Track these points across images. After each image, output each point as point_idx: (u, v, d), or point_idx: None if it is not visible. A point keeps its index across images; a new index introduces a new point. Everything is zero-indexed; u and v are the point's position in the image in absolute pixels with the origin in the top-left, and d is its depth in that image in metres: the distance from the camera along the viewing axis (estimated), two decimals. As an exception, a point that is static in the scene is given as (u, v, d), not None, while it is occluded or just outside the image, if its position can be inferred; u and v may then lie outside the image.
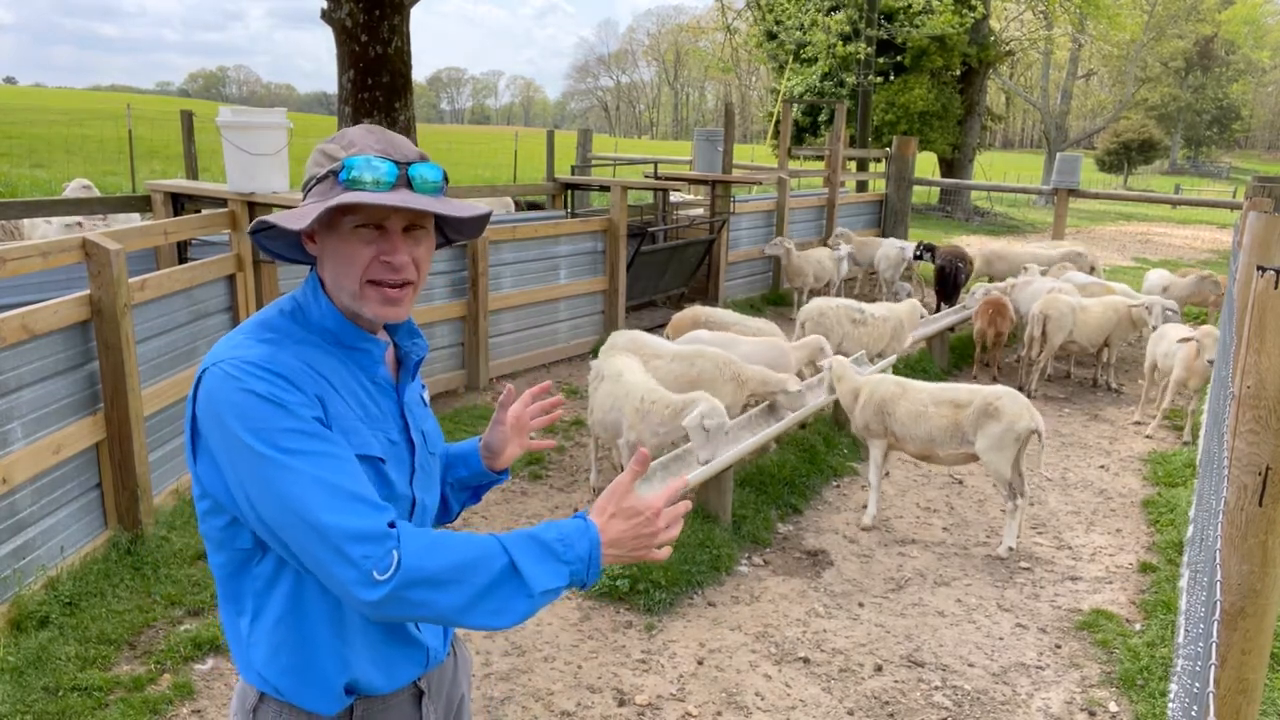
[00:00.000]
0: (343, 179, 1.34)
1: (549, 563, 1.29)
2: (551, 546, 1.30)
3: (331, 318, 1.41)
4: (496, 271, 7.42)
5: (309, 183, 1.38)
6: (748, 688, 3.66)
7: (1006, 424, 4.80)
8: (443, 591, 1.25)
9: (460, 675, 1.70)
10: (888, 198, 13.73)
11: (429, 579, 1.24)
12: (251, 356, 1.31)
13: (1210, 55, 49.12)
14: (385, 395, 1.47)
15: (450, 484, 1.73)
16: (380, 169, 1.33)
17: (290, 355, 1.34)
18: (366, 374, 1.44)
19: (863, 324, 7.22)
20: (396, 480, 1.44)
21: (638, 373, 5.18)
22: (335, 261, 1.38)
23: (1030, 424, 4.80)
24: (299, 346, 1.38)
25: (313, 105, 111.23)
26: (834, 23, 17.62)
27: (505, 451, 1.73)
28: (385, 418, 1.45)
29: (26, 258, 3.89)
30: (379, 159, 1.34)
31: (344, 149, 1.36)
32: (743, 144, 38.47)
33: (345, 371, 1.41)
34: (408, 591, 1.24)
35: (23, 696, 3.22)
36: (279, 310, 1.43)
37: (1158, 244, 20.07)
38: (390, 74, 6.18)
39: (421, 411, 1.57)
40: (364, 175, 1.33)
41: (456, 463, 1.73)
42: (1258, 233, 3.30)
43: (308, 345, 1.39)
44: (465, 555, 1.27)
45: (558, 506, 5.27)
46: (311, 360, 1.37)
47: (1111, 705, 3.63)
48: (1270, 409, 1.73)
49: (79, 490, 4.09)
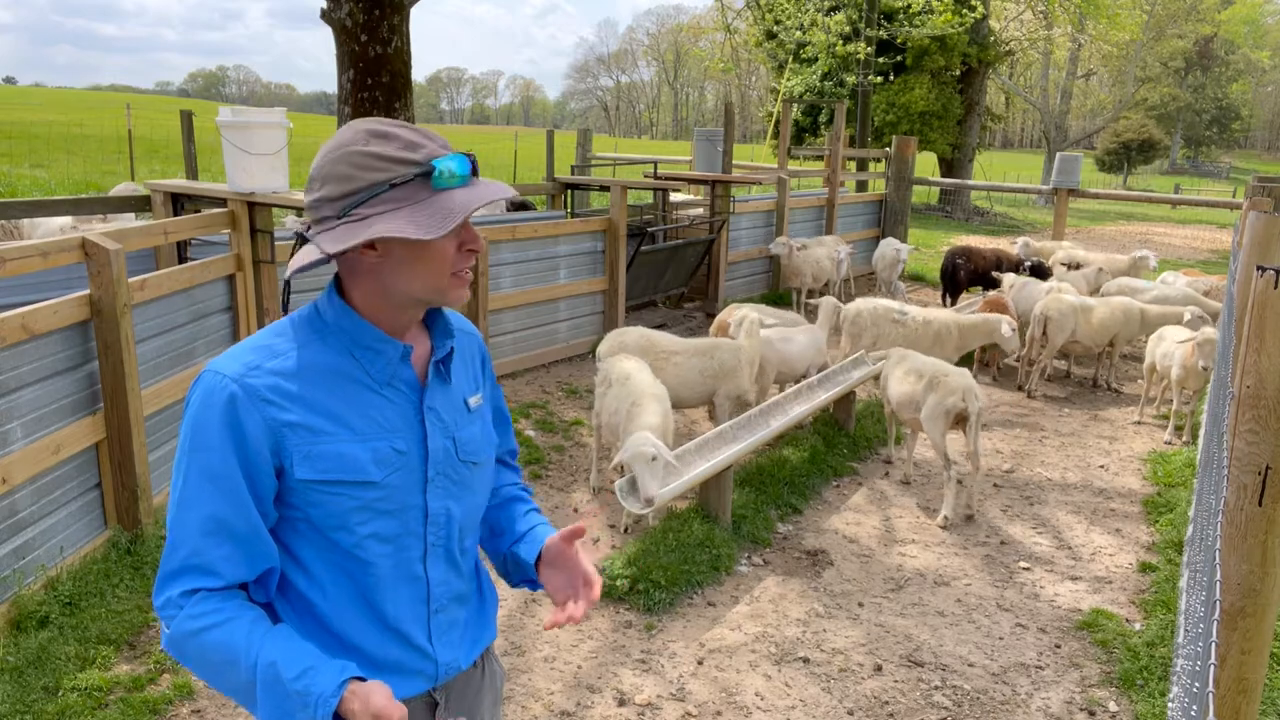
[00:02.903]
0: (437, 181, 1.33)
1: (282, 705, 1.31)
2: (289, 699, 1.31)
3: (348, 319, 1.41)
4: (496, 271, 7.42)
5: (379, 187, 1.32)
6: (748, 688, 3.66)
7: (939, 398, 5.35)
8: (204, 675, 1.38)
9: (486, 690, 1.65)
10: (887, 198, 13.73)
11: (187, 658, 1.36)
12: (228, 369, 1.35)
13: (1210, 55, 49.12)
14: (403, 399, 1.44)
15: (512, 554, 1.65)
16: (461, 165, 1.35)
17: (281, 364, 1.36)
18: (380, 378, 1.42)
19: (901, 325, 7.24)
20: (398, 489, 1.42)
21: (646, 376, 5.19)
22: (418, 264, 1.37)
23: (959, 404, 5.28)
24: (302, 350, 1.38)
25: (313, 105, 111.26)
26: (834, 23, 17.62)
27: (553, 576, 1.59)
28: (395, 424, 1.43)
29: (26, 258, 3.89)
30: (452, 156, 1.35)
31: (411, 149, 1.33)
32: (743, 144, 38.50)
33: (357, 374, 1.41)
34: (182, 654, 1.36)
35: (22, 696, 3.22)
36: (295, 316, 1.44)
37: (1158, 244, 20.06)
38: (390, 74, 6.17)
39: (458, 417, 1.51)
40: (453, 174, 1.34)
41: (527, 542, 1.64)
42: (1258, 233, 3.31)
43: (313, 348, 1.39)
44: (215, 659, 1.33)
45: (557, 506, 5.28)
46: (313, 365, 1.38)
47: (1111, 705, 3.63)
48: (1270, 409, 1.73)
49: (79, 490, 4.09)
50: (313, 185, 1.36)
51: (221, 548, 1.33)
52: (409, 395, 1.45)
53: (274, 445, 1.34)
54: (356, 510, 1.39)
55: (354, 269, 1.39)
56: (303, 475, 1.35)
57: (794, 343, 6.56)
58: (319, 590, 1.43)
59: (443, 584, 1.51)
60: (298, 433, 1.35)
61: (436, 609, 1.50)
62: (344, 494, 1.37)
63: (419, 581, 1.48)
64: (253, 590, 1.40)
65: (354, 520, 1.39)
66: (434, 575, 1.49)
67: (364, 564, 1.42)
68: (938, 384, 5.39)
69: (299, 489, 1.37)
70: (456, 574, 1.54)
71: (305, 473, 1.35)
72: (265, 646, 1.31)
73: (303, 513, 1.39)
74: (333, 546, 1.41)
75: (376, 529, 1.41)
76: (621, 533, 4.92)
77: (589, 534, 4.92)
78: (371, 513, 1.40)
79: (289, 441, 1.35)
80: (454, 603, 1.53)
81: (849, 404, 6.57)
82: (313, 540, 1.41)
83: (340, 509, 1.38)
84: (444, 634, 1.52)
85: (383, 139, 1.34)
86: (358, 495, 1.38)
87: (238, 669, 1.30)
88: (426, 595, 1.49)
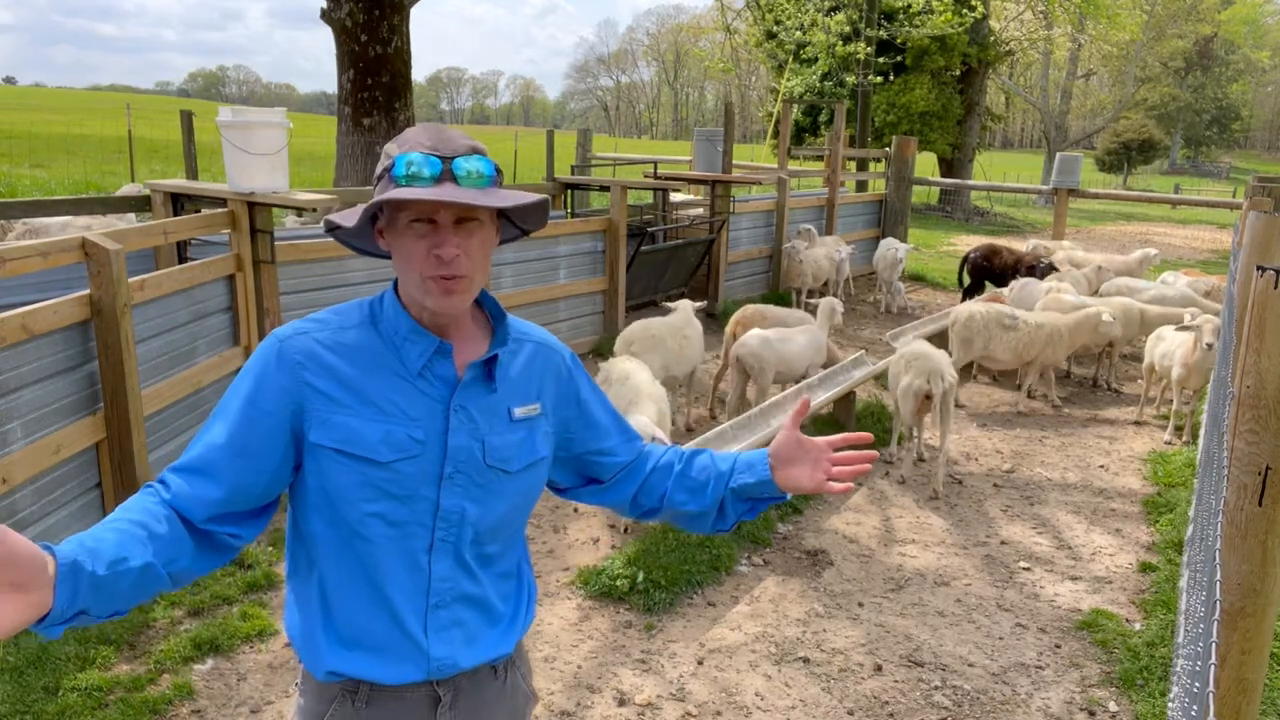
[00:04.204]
0: (395, 175, 1.40)
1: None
2: None
3: (394, 309, 1.50)
4: (497, 271, 7.42)
5: (378, 179, 1.47)
6: (748, 688, 3.66)
7: (910, 379, 5.74)
8: None
9: (501, 705, 1.63)
10: (887, 198, 13.73)
11: None
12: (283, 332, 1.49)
13: (1210, 55, 49.12)
14: (434, 392, 1.48)
15: (733, 489, 1.66)
16: (422, 164, 1.39)
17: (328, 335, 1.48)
18: (414, 368, 1.48)
19: (1013, 329, 7.24)
20: (409, 477, 1.45)
21: (645, 376, 5.19)
22: (397, 257, 1.46)
23: (923, 385, 5.65)
24: (351, 330, 1.49)
25: (313, 105, 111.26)
26: (834, 23, 17.63)
27: (793, 470, 1.63)
28: (419, 414, 1.47)
29: (26, 258, 3.89)
30: (421, 154, 1.39)
31: (398, 146, 1.43)
32: (743, 144, 38.47)
33: (393, 361, 1.48)
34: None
35: (22, 696, 3.22)
36: (360, 301, 1.55)
37: (1158, 244, 20.02)
38: (390, 74, 6.18)
39: (495, 423, 1.52)
40: (409, 171, 1.39)
41: (743, 469, 1.66)
42: (1258, 233, 3.31)
43: (361, 330, 1.49)
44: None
45: (557, 506, 5.28)
46: (356, 344, 1.48)
47: (1111, 705, 3.63)
48: (1270, 409, 1.73)
49: (79, 490, 4.09)
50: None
51: (207, 465, 1.43)
52: (440, 390, 1.49)
53: (298, 406, 1.44)
54: (360, 486, 1.43)
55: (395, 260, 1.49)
56: (315, 439, 1.44)
57: (794, 343, 6.58)
58: (325, 561, 1.49)
59: (447, 580, 1.51)
60: (320, 399, 1.44)
61: (436, 603, 1.51)
62: (349, 467, 1.43)
63: (420, 571, 1.49)
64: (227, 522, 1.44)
65: (357, 495, 1.44)
66: (437, 570, 1.50)
67: (366, 541, 1.46)
68: (908, 366, 5.81)
69: (312, 452, 1.45)
70: (467, 575, 1.53)
71: (317, 437, 1.44)
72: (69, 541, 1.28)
73: (317, 480, 1.45)
74: (340, 520, 1.46)
75: (381, 510, 1.45)
76: (621, 533, 4.92)
77: (589, 534, 4.92)
78: (377, 492, 1.44)
79: (310, 404, 1.44)
80: (459, 602, 1.53)
81: (849, 404, 6.57)
82: (324, 512, 1.47)
83: (346, 481, 1.43)
84: (443, 630, 1.51)
85: (397, 139, 1.46)
86: (362, 471, 1.43)
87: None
88: (426, 587, 1.50)
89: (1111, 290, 9.00)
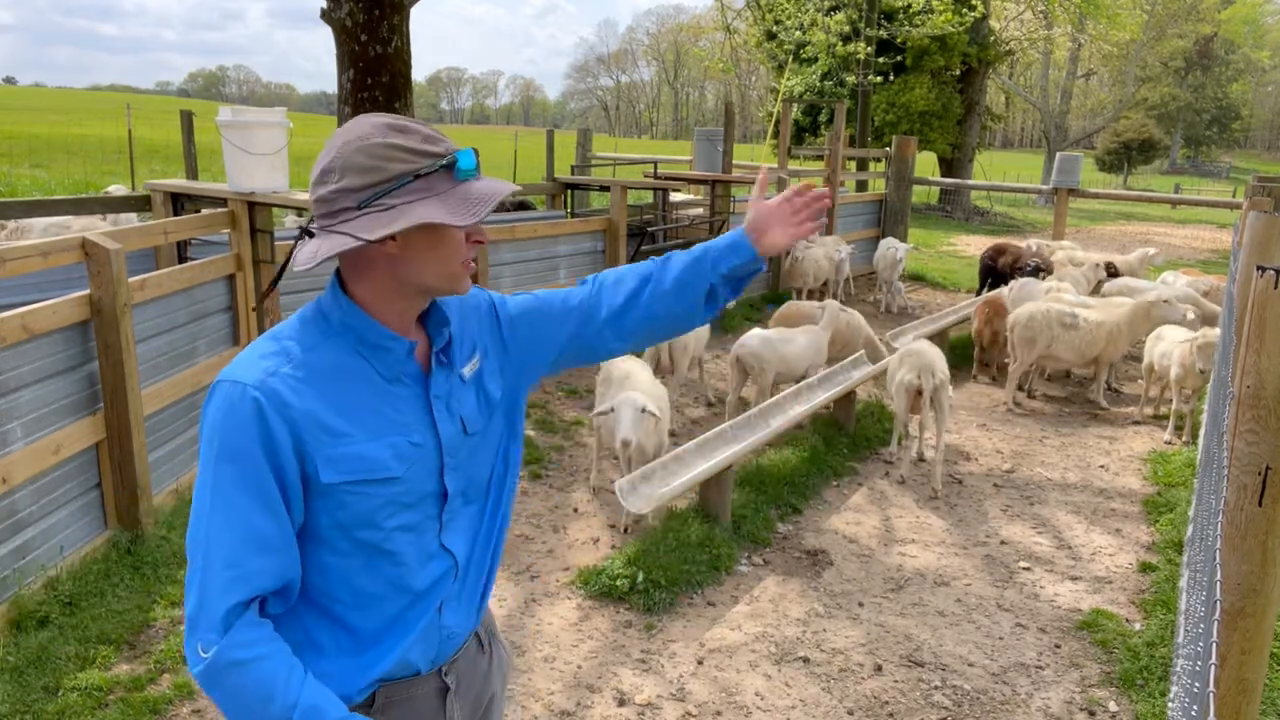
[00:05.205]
0: (462, 170, 1.37)
1: None
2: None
3: (355, 317, 1.41)
4: (496, 271, 7.42)
5: (404, 178, 1.34)
6: (748, 688, 3.66)
7: (901, 375, 5.81)
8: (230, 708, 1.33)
9: (494, 674, 1.69)
10: (887, 197, 13.73)
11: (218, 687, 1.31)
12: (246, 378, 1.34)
13: (1210, 55, 49.12)
14: (411, 394, 1.46)
15: (723, 275, 1.66)
16: (472, 159, 1.39)
17: (293, 368, 1.36)
18: (389, 375, 1.44)
19: (1074, 328, 7.23)
20: (417, 481, 1.45)
21: (645, 375, 5.19)
22: (435, 253, 1.39)
23: (913, 381, 5.68)
24: (313, 353, 1.39)
25: (313, 105, 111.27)
26: (834, 23, 17.61)
27: (769, 237, 1.65)
28: (408, 419, 1.45)
29: (26, 257, 3.89)
30: (463, 150, 1.39)
31: (431, 143, 1.37)
32: (743, 144, 38.45)
33: (365, 372, 1.42)
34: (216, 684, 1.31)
35: (23, 696, 3.22)
36: (300, 317, 1.44)
37: (1158, 244, 20.01)
38: (390, 74, 6.17)
39: (460, 394, 1.52)
40: (470, 167, 1.38)
41: (727, 253, 1.65)
42: (1258, 232, 3.31)
43: (322, 350, 1.40)
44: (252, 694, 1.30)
45: (557, 506, 5.28)
46: (325, 367, 1.38)
47: (1111, 705, 3.63)
48: (1270, 409, 1.73)
49: (79, 490, 4.09)
50: (329, 177, 1.35)
51: (258, 559, 1.32)
52: (415, 389, 1.47)
53: (298, 450, 1.35)
54: (383, 506, 1.41)
55: (369, 262, 1.39)
56: (328, 479, 1.36)
57: (794, 343, 6.59)
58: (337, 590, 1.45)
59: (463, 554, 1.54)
60: (318, 437, 1.36)
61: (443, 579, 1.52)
62: (370, 493, 1.39)
63: (434, 558, 1.50)
64: (272, 602, 1.39)
65: (381, 516, 1.41)
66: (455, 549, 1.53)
67: (391, 555, 1.44)
68: (904, 362, 5.86)
69: (326, 492, 1.37)
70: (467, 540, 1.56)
71: (330, 476, 1.36)
72: (305, 690, 1.33)
73: (329, 517, 1.39)
74: (358, 546, 1.42)
75: (402, 521, 1.44)
76: (621, 533, 4.92)
77: (589, 534, 4.92)
78: (397, 506, 1.43)
79: (310, 445, 1.35)
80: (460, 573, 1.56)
81: (849, 404, 6.57)
82: (335, 545, 1.42)
83: (368, 507, 1.40)
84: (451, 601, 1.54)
85: (402, 132, 1.36)
86: (382, 492, 1.40)
87: (271, 706, 1.30)
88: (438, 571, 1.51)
89: (1112, 290, 9.00)
